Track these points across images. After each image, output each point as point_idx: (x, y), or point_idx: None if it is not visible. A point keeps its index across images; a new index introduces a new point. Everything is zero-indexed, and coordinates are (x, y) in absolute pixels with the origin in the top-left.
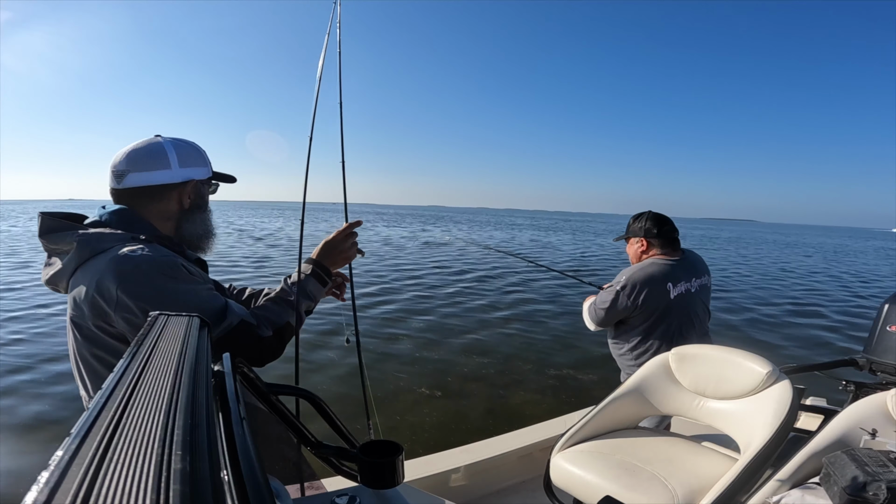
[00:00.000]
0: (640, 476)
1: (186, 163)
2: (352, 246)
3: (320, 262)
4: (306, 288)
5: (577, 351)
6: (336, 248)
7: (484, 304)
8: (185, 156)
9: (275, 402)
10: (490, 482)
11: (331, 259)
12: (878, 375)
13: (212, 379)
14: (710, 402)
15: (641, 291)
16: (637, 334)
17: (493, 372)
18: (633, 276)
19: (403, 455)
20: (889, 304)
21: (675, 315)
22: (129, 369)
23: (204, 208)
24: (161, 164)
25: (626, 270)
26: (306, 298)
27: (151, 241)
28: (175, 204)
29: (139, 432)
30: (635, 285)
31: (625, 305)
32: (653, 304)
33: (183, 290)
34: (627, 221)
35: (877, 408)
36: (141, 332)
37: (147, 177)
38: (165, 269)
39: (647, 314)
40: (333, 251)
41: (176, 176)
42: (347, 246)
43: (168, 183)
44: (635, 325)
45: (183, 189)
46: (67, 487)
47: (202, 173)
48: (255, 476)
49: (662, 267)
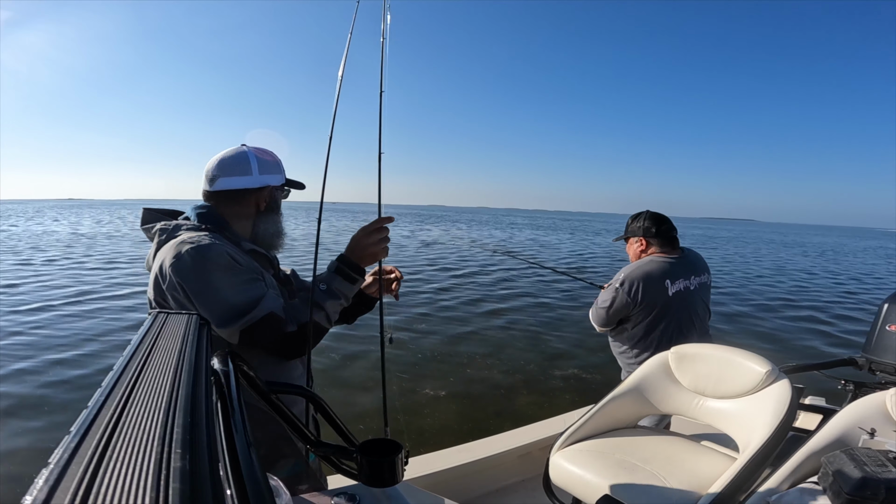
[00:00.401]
0: (639, 475)
1: (265, 170)
2: (380, 242)
3: (348, 257)
4: (331, 285)
5: (583, 351)
6: (362, 243)
7: (480, 300)
8: (264, 164)
9: (274, 400)
10: (489, 481)
11: (357, 255)
12: (878, 375)
13: (211, 377)
14: (710, 402)
15: (639, 288)
16: (637, 332)
17: (497, 372)
18: (631, 274)
19: (403, 454)
20: (888, 303)
21: (674, 313)
22: (129, 368)
23: (276, 211)
24: (244, 171)
25: (625, 269)
26: (331, 297)
27: (214, 230)
28: (252, 207)
29: (139, 430)
30: (633, 282)
31: (624, 303)
32: (651, 300)
33: (219, 277)
34: (626, 221)
35: (876, 407)
36: (140, 330)
37: (232, 181)
38: (212, 255)
39: (646, 312)
40: (359, 247)
41: (255, 182)
42: (374, 242)
43: (248, 188)
44: (635, 322)
45: (260, 193)
46: (67, 486)
47: (277, 180)
48: (254, 474)
49: (660, 264)
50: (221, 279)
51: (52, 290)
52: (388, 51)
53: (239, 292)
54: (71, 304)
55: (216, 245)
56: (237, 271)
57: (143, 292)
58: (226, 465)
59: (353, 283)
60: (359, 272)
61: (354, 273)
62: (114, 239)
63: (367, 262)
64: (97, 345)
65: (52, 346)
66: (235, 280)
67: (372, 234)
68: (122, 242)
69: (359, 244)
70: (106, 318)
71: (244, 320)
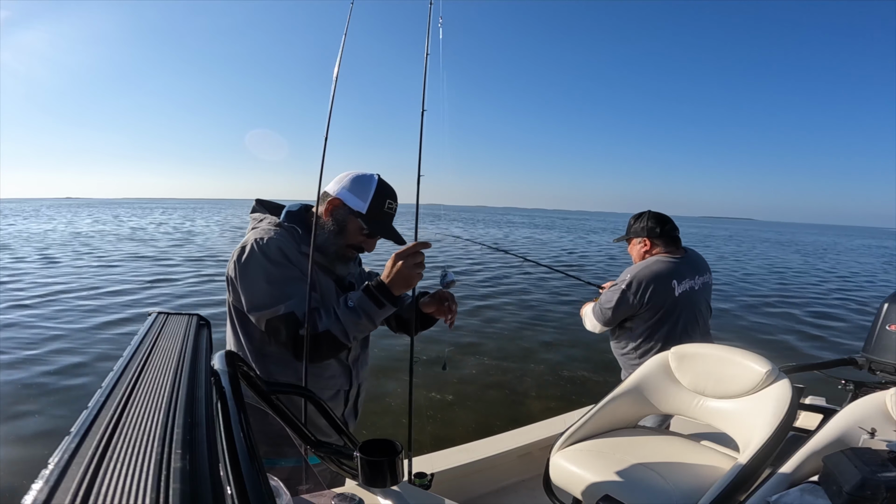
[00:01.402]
0: (640, 475)
1: (351, 189)
2: (414, 267)
3: (382, 281)
4: (358, 304)
5: (587, 351)
6: (395, 268)
7: (483, 304)
8: (355, 184)
9: (275, 401)
10: (490, 481)
11: (390, 280)
12: (878, 374)
13: (211, 377)
14: (710, 402)
15: (647, 289)
16: (641, 332)
17: (500, 375)
18: (639, 274)
19: (403, 454)
20: (889, 303)
21: (680, 313)
22: (129, 368)
23: (338, 231)
24: (336, 181)
25: (631, 269)
26: (353, 315)
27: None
28: (325, 212)
29: (139, 431)
30: (641, 283)
31: (631, 303)
32: (658, 301)
33: (260, 267)
34: (628, 221)
35: (876, 407)
36: (140, 330)
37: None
38: (263, 248)
39: (652, 312)
40: (392, 275)
41: (333, 190)
42: (408, 266)
43: (329, 193)
44: (640, 322)
45: (332, 202)
46: (67, 486)
47: (354, 203)
48: (254, 474)
49: (667, 265)
50: (260, 269)
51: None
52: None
53: (272, 284)
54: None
55: (273, 240)
56: (280, 266)
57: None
58: (226, 465)
59: (379, 307)
60: (388, 296)
61: (383, 297)
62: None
63: (399, 286)
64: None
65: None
66: (274, 273)
67: (406, 259)
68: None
69: (392, 269)
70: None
71: (267, 312)
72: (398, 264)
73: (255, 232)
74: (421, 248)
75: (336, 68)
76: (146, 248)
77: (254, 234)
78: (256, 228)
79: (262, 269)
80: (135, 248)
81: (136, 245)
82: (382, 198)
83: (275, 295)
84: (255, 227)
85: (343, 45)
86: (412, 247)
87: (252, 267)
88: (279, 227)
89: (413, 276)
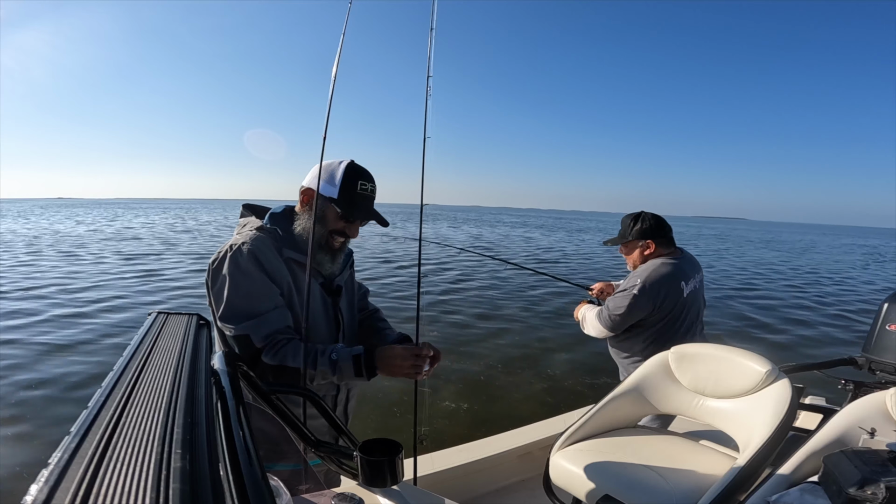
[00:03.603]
0: (640, 475)
1: (323, 178)
2: (411, 368)
3: (372, 359)
4: (339, 361)
5: (584, 352)
6: (394, 360)
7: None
8: (324, 172)
9: (275, 401)
10: (490, 481)
11: (382, 362)
12: (878, 374)
13: (211, 377)
14: (710, 401)
15: (660, 292)
16: (650, 336)
17: (496, 376)
18: (650, 278)
19: (403, 454)
20: (888, 303)
21: (686, 313)
22: (129, 368)
23: (318, 220)
24: (309, 174)
25: (639, 273)
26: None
27: (271, 231)
28: (300, 205)
29: (139, 430)
30: (653, 286)
31: (644, 308)
32: (670, 304)
33: (228, 280)
34: (623, 222)
35: (876, 407)
36: (140, 330)
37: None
38: (236, 257)
39: (662, 314)
40: (387, 359)
41: (306, 182)
42: (406, 365)
43: (303, 185)
44: (649, 326)
45: (305, 194)
46: (67, 486)
47: (326, 189)
48: (254, 474)
49: (672, 266)
50: (229, 280)
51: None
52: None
53: (238, 298)
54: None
55: (251, 250)
56: (248, 277)
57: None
58: (226, 465)
59: (356, 376)
60: (371, 373)
61: (366, 371)
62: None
63: (386, 371)
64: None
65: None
66: (242, 286)
67: (407, 359)
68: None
69: (391, 356)
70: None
71: (228, 326)
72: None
73: (234, 238)
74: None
75: (335, 68)
76: (145, 247)
77: (231, 241)
78: (239, 234)
79: (230, 281)
80: (135, 248)
81: (137, 245)
82: (353, 180)
83: (237, 311)
84: (239, 231)
85: (342, 44)
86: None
87: (221, 277)
88: (261, 231)
89: (406, 373)
